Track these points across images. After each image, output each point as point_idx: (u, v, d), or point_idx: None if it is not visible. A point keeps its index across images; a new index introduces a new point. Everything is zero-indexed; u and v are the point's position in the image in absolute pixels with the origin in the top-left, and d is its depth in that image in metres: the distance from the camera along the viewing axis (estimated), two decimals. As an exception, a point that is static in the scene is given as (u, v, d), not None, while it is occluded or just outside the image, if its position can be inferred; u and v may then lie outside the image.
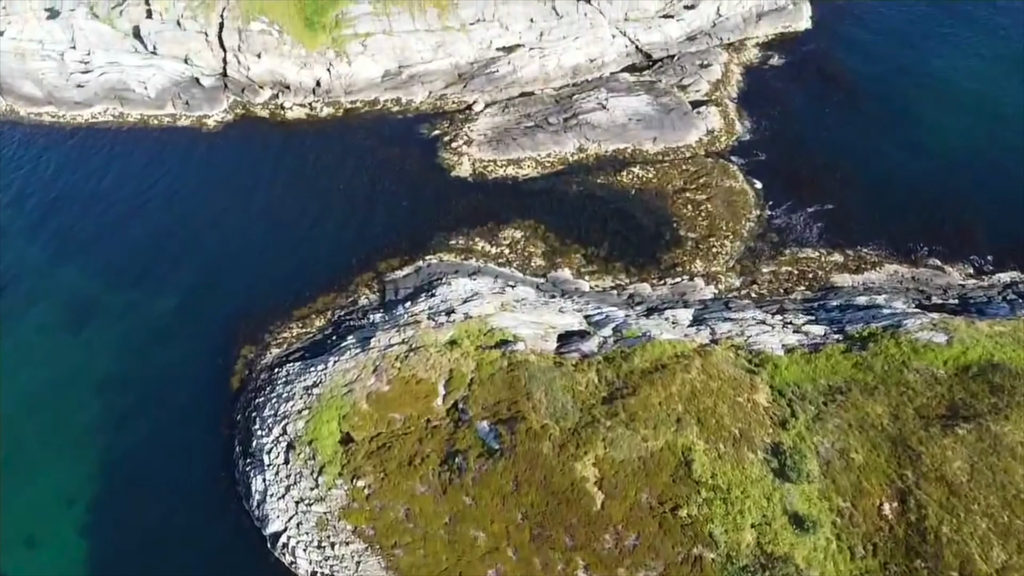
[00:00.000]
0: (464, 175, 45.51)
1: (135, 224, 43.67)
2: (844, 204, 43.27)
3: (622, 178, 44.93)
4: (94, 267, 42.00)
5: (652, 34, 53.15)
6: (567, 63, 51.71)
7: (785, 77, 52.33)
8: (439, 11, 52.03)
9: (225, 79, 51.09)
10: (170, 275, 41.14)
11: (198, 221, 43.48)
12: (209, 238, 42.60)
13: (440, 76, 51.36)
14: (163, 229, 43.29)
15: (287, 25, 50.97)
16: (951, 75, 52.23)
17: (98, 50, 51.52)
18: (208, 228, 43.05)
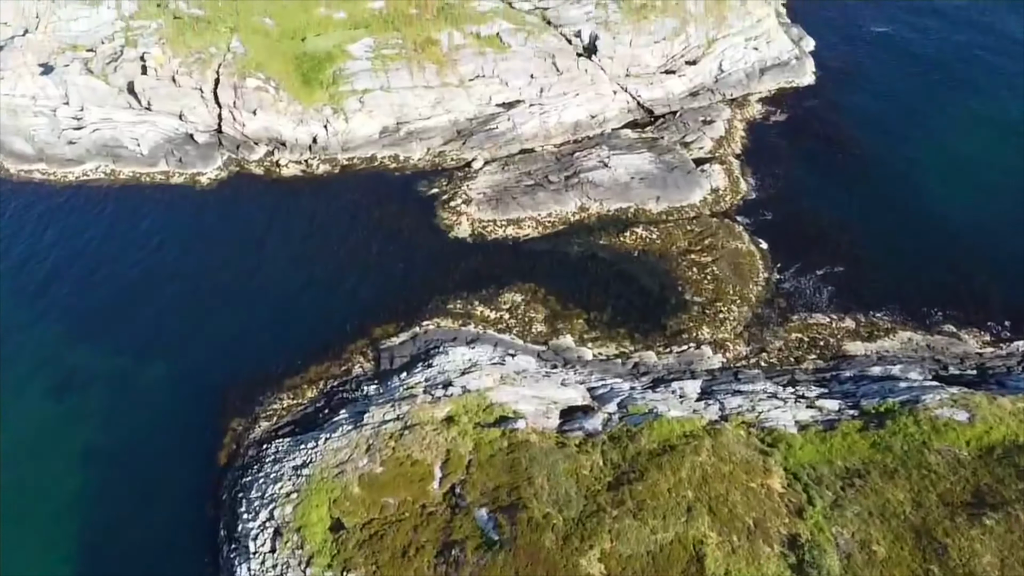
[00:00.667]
0: (463, 236, 44.33)
1: (124, 286, 42.22)
2: (854, 266, 42.04)
3: (625, 239, 43.75)
4: (80, 330, 40.45)
5: (654, 90, 52.44)
6: (568, 119, 50.90)
7: (789, 133, 51.52)
8: (438, 67, 51.36)
9: (220, 135, 50.19)
10: (158, 339, 39.62)
11: (188, 283, 42.08)
12: (200, 301, 41.12)
13: (439, 132, 50.50)
14: (153, 291, 41.85)
15: (284, 81, 50.22)
16: (959, 132, 51.45)
17: (91, 106, 50.68)
18: (198, 290, 41.61)
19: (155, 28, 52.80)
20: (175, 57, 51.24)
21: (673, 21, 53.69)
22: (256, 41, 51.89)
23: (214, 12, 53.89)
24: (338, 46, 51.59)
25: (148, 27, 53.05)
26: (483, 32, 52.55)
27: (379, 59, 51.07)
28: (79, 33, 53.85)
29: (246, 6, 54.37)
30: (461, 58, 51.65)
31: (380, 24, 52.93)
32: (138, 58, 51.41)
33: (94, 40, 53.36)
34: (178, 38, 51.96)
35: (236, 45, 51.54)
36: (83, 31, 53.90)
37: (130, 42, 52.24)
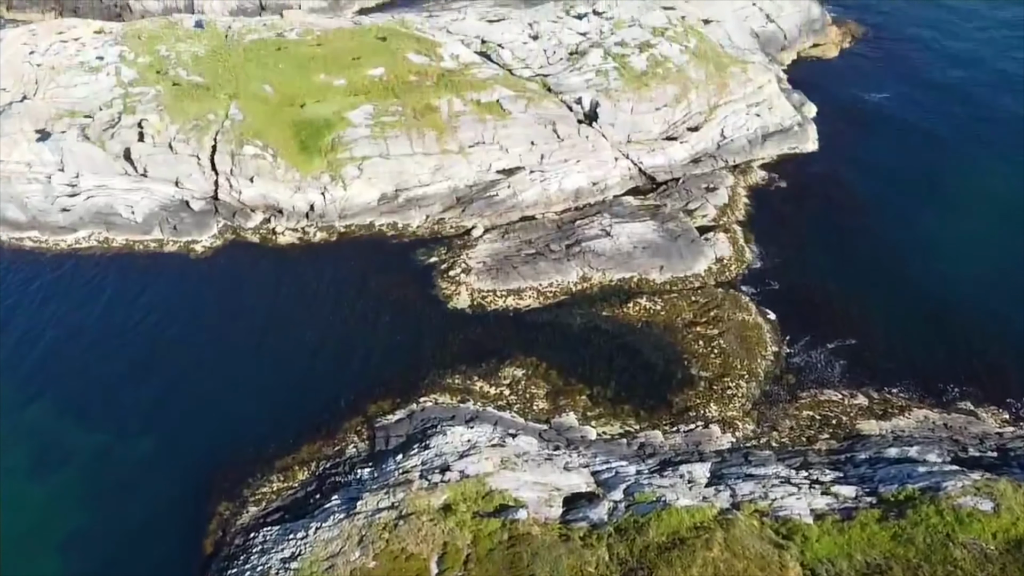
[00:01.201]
0: (462, 306, 43.21)
1: (112, 359, 40.87)
2: (865, 339, 40.83)
3: (628, 310, 42.62)
4: (67, 405, 38.99)
5: (656, 157, 51.91)
6: (569, 186, 50.26)
7: (793, 201, 50.82)
8: (437, 134, 50.91)
9: (216, 203, 49.46)
10: (146, 415, 38.13)
11: (179, 356, 40.77)
12: (190, 376, 39.78)
13: (438, 199, 49.79)
14: (141, 365, 40.52)
15: (282, 149, 49.70)
16: (965, 201, 50.77)
17: (87, 173, 50.07)
18: (189, 365, 40.28)
19: (154, 95, 52.51)
20: (173, 124, 50.83)
21: (674, 88, 53.48)
22: (255, 108, 51.54)
23: (213, 79, 53.68)
24: (337, 113, 51.22)
25: (147, 94, 52.76)
26: (483, 99, 52.26)
27: (378, 126, 50.65)
28: (78, 99, 53.48)
29: (246, 73, 54.19)
30: (461, 125, 51.25)
31: (380, 91, 52.65)
32: (135, 125, 50.98)
33: (92, 106, 52.96)
34: (176, 105, 51.64)
35: (234, 112, 51.17)
36: (82, 97, 53.54)
37: (128, 109, 51.90)
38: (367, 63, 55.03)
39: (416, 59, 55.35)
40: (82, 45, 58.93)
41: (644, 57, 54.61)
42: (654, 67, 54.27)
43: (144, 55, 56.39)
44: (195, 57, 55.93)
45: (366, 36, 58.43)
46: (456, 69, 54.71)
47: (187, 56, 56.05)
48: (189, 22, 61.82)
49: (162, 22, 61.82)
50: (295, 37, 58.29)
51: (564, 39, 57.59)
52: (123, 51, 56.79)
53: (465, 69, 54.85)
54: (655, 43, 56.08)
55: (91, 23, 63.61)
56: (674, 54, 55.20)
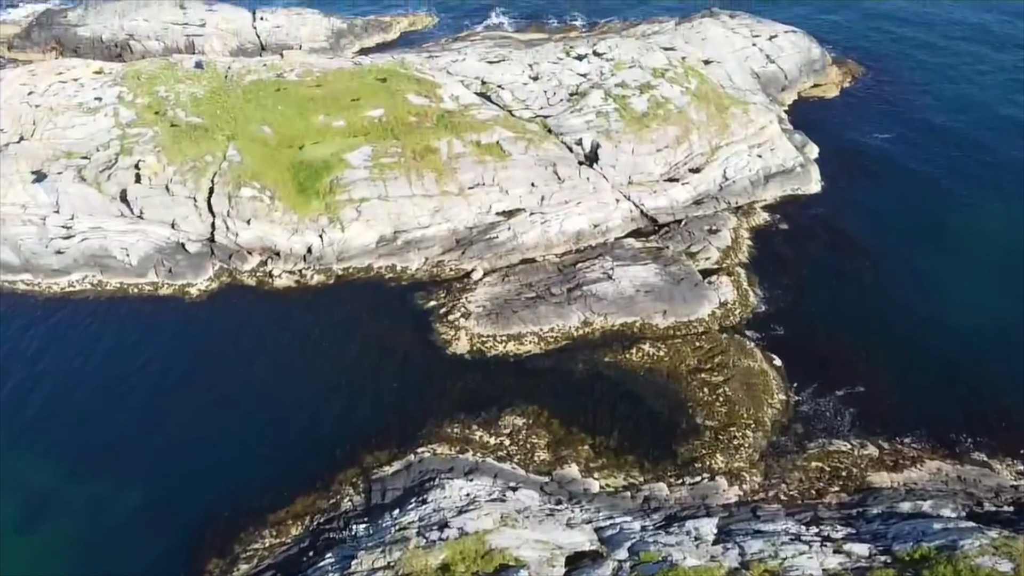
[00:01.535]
0: (461, 352, 42.33)
1: (105, 409, 39.80)
2: (874, 386, 39.90)
3: (631, 356, 41.73)
4: (57, 455, 37.88)
5: (657, 198, 51.38)
6: (570, 229, 49.65)
7: (797, 243, 50.18)
8: (437, 176, 50.45)
9: (212, 245, 48.81)
10: (138, 465, 37.08)
11: (173, 406, 39.76)
12: (183, 425, 38.76)
13: (437, 242, 49.15)
14: (135, 414, 39.49)
15: (280, 191, 49.19)
16: (974, 238, 50.18)
17: (82, 214, 49.51)
18: (183, 414, 39.27)
19: (151, 136, 52.12)
20: (170, 165, 50.38)
21: (675, 129, 53.15)
22: (253, 150, 51.14)
23: (212, 120, 53.35)
24: (336, 155, 50.81)
25: (144, 135, 52.37)
26: (483, 140, 51.89)
27: (377, 168, 50.19)
28: (75, 141, 53.08)
29: (245, 114, 53.88)
30: (461, 166, 50.81)
31: (379, 132, 52.31)
32: (132, 166, 50.50)
33: (89, 148, 52.56)
34: (174, 146, 51.23)
35: (233, 154, 50.75)
36: (79, 138, 53.14)
37: (125, 150, 51.48)
38: (367, 104, 54.78)
39: (416, 100, 55.11)
40: (81, 86, 58.78)
41: (645, 98, 54.37)
42: (655, 108, 54.00)
43: (143, 96, 56.16)
44: (194, 98, 55.69)
45: (366, 77, 58.29)
46: (456, 110, 54.43)
47: (186, 97, 55.80)
48: (189, 63, 61.71)
49: (162, 63, 61.71)
50: (295, 78, 58.13)
51: (564, 80, 57.42)
52: (122, 92, 56.57)
53: (465, 110, 54.57)
54: (656, 84, 55.89)
55: (91, 63, 63.56)
56: (675, 95, 54.98)
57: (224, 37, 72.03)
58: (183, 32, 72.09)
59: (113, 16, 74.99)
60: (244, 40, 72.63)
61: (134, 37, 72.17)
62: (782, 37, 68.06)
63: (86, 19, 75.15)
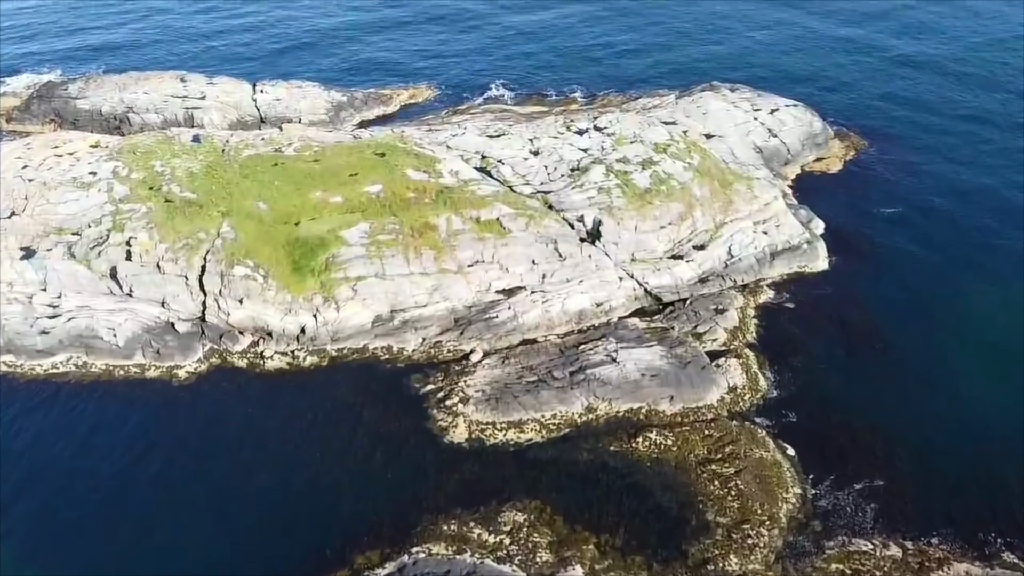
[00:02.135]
0: (459, 440, 40.38)
1: (84, 499, 37.76)
2: (894, 479, 37.89)
3: (637, 445, 39.77)
4: (32, 548, 35.75)
5: (661, 276, 50.04)
6: (572, 308, 48.18)
7: (805, 322, 48.59)
8: (435, 253, 49.23)
9: (203, 324, 47.28)
10: (117, 561, 34.88)
11: (155, 497, 37.75)
12: (166, 517, 36.66)
13: (435, 321, 47.64)
14: (115, 505, 37.43)
15: (274, 269, 47.89)
16: (985, 321, 48.59)
17: (70, 292, 48.11)
18: (166, 505, 37.20)
19: (144, 212, 51.11)
20: (162, 242, 49.21)
21: (678, 206, 52.18)
22: (248, 226, 50.04)
23: (207, 196, 52.42)
24: (332, 231, 49.67)
25: (137, 211, 51.36)
26: (483, 217, 50.83)
27: (374, 245, 49.01)
28: (66, 216, 52.03)
29: (241, 190, 52.99)
30: (460, 244, 49.63)
31: (377, 208, 51.30)
32: (124, 243, 49.38)
33: (81, 224, 51.47)
34: (167, 222, 50.16)
35: (227, 230, 49.63)
36: (71, 214, 52.11)
37: (117, 226, 50.40)
38: (365, 179, 53.95)
39: (415, 175, 54.30)
40: (76, 160, 58.08)
41: (647, 174, 53.56)
42: (657, 184, 53.13)
43: (138, 170, 55.38)
44: (189, 173, 54.88)
45: (365, 151, 57.64)
46: (455, 186, 53.56)
47: (182, 172, 55.00)
48: (187, 136, 61.19)
49: (159, 136, 61.18)
50: (293, 152, 57.48)
51: (565, 155, 56.73)
52: (117, 166, 55.81)
53: (464, 186, 53.71)
54: (658, 160, 55.17)
55: (88, 137, 63.13)
56: (677, 171, 54.20)
57: (224, 110, 71.82)
58: (183, 105, 71.87)
59: (114, 89, 74.99)
60: (244, 113, 72.41)
61: (133, 110, 71.94)
62: (783, 111, 67.79)
63: (86, 92, 75.13)
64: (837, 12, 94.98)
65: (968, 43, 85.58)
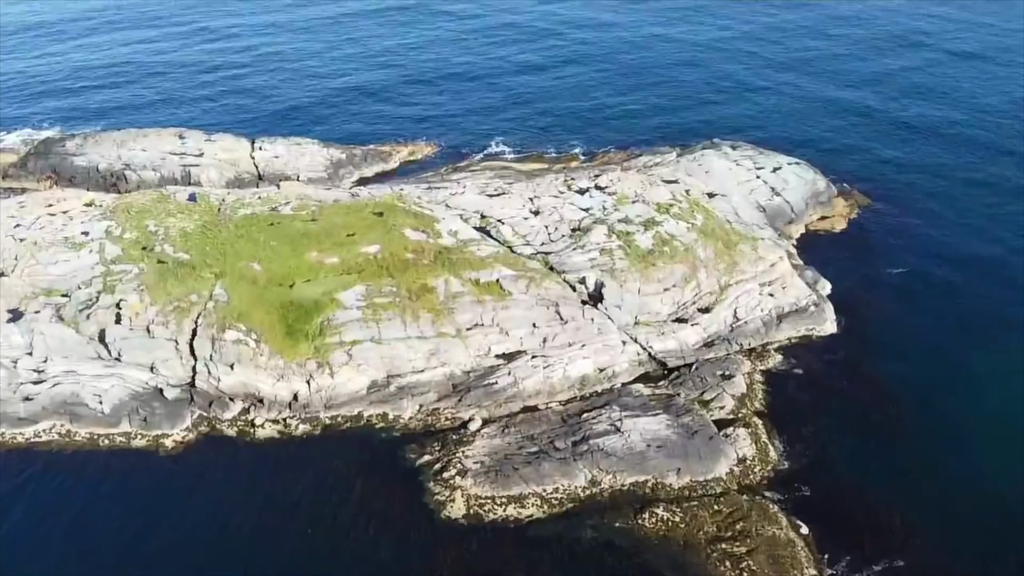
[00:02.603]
0: (456, 516, 38.52)
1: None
2: (914, 559, 36.07)
3: (644, 522, 37.91)
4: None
5: (666, 340, 48.65)
6: (574, 373, 46.71)
7: (816, 388, 47.07)
8: (433, 316, 47.94)
9: (192, 390, 45.71)
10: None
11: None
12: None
13: (433, 387, 46.11)
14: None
15: (266, 333, 46.52)
16: (1000, 384, 47.16)
17: (57, 357, 46.62)
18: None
19: (136, 273, 49.94)
20: (153, 305, 47.95)
21: (682, 268, 51.08)
22: (241, 288, 48.83)
23: (201, 257, 51.34)
24: (328, 294, 48.45)
25: (129, 272, 50.20)
26: (482, 279, 49.70)
27: (371, 308, 47.74)
28: (56, 277, 50.84)
29: (235, 250, 51.93)
30: (458, 306, 48.37)
31: (374, 270, 50.16)
32: (114, 305, 48.12)
33: (71, 285, 50.26)
34: (159, 285, 48.96)
35: (219, 293, 48.42)
36: (60, 275, 50.93)
37: (107, 288, 49.18)
38: (362, 239, 52.94)
39: (413, 235, 53.31)
40: (69, 219, 57.19)
41: (650, 235, 52.58)
42: (660, 245, 52.11)
43: (131, 230, 54.41)
44: (183, 233, 53.90)
45: (363, 211, 56.76)
46: (454, 246, 52.53)
47: (176, 232, 54.02)
48: (183, 195, 60.36)
49: (155, 195, 60.32)
50: (289, 211, 56.60)
51: (566, 215, 55.84)
52: (110, 226, 54.86)
53: (464, 246, 52.68)
54: (660, 220, 54.27)
55: (83, 195, 62.27)
56: (681, 232, 53.24)
57: (221, 167, 71.18)
58: (180, 162, 71.21)
59: (112, 146, 74.44)
60: (242, 170, 71.74)
61: (131, 167, 71.25)
62: (786, 169, 67.18)
63: (84, 148, 74.57)
64: (838, 75, 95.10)
65: (971, 107, 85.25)
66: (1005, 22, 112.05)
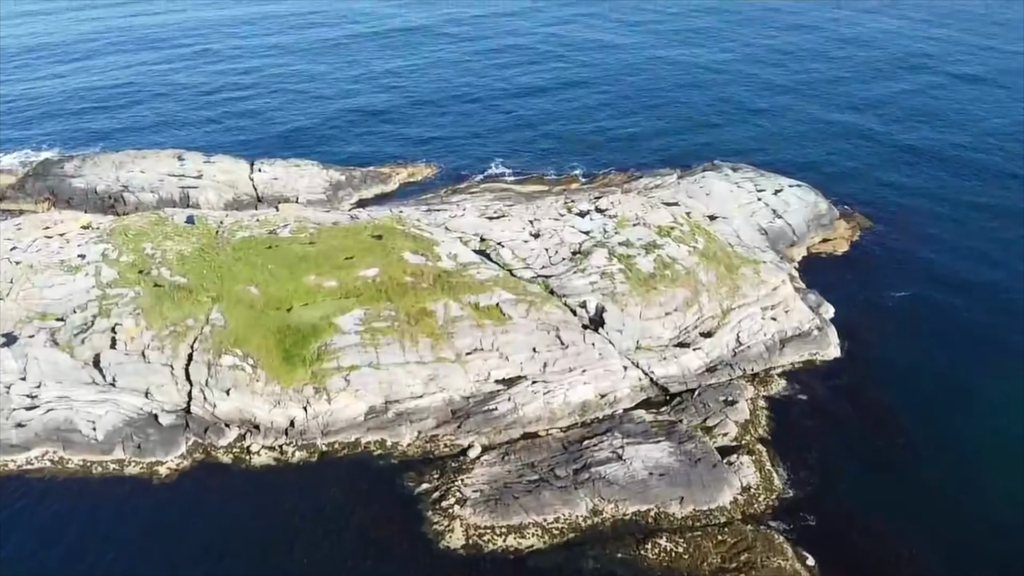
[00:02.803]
0: (455, 546, 37.74)
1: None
2: (923, 593, 35.33)
3: (647, 553, 37.08)
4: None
5: (668, 366, 48.04)
6: (575, 399, 46.07)
7: (820, 415, 46.41)
8: (432, 340, 47.35)
9: (187, 417, 45.05)
10: None
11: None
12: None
13: (431, 413, 45.45)
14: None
15: (263, 358, 45.91)
16: (1012, 410, 46.48)
17: (50, 382, 45.98)
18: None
19: (132, 297, 49.42)
20: (148, 329, 47.39)
21: (684, 292, 50.57)
22: (238, 312, 48.29)
23: (198, 280, 50.84)
24: (326, 318, 47.89)
25: (125, 296, 49.69)
26: (482, 302, 49.18)
27: (369, 332, 47.16)
28: (51, 301, 50.35)
29: (232, 273, 51.44)
30: (458, 331, 47.80)
31: (372, 294, 49.63)
32: (109, 329, 47.56)
33: (66, 309, 49.74)
34: (155, 309, 48.43)
35: (216, 317, 47.88)
36: (56, 299, 50.43)
37: (103, 311, 48.66)
38: (360, 263, 52.46)
39: (412, 259, 52.84)
40: (66, 241, 56.78)
41: (651, 258, 52.14)
42: (662, 269, 51.64)
43: (128, 253, 53.96)
44: (180, 256, 53.45)
45: (361, 233, 56.34)
46: (454, 270, 52.05)
47: (173, 255, 53.57)
48: (180, 217, 59.99)
49: (152, 217, 59.97)
50: (288, 234, 56.17)
51: (566, 238, 55.44)
52: (107, 249, 54.42)
53: (463, 269, 52.20)
54: (661, 243, 53.84)
55: (80, 217, 61.94)
56: (682, 255, 52.78)
57: (220, 189, 70.87)
58: (179, 184, 70.91)
59: (110, 167, 74.17)
60: (240, 192, 71.43)
61: (129, 188, 70.96)
62: (787, 191, 66.86)
63: (83, 170, 74.33)
64: (839, 97, 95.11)
65: (973, 130, 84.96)
66: (1006, 44, 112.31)
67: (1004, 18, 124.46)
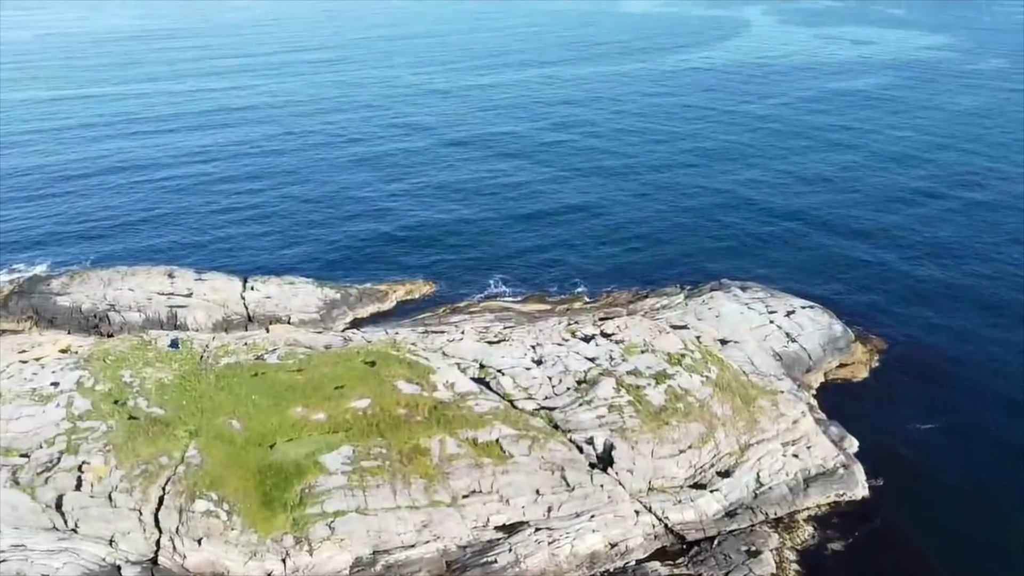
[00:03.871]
0: None
1: None
2: None
3: None
4: None
5: (684, 510, 43.98)
6: (582, 549, 41.82)
7: (854, 567, 42.05)
8: (426, 482, 43.50)
9: (154, 568, 40.68)
10: None
11: None
12: None
13: (424, 566, 41.12)
14: None
15: (240, 503, 41.94)
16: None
17: (6, 528, 41.73)
18: None
19: (103, 431, 45.81)
20: (118, 468, 43.58)
21: (698, 427, 47.04)
22: (216, 449, 44.63)
23: (176, 412, 47.43)
24: (311, 456, 44.18)
25: (96, 430, 46.08)
26: (481, 438, 45.60)
27: (357, 473, 43.34)
28: (17, 435, 46.60)
29: (214, 404, 48.11)
30: (454, 470, 44.01)
31: (363, 427, 46.13)
32: (75, 468, 43.76)
33: (32, 443, 45.99)
34: (127, 445, 44.77)
35: (192, 454, 44.19)
36: (23, 432, 46.72)
37: (71, 448, 44.96)
38: (351, 392, 49.17)
39: (406, 388, 49.59)
40: (41, 367, 53.55)
41: (661, 390, 48.84)
42: (674, 402, 48.26)
43: (105, 381, 50.68)
44: (160, 384, 50.17)
45: (354, 359, 53.26)
46: (451, 400, 48.68)
47: (151, 383, 50.30)
48: (164, 340, 57.05)
49: (135, 340, 57.00)
50: (275, 360, 53.12)
51: (571, 365, 52.28)
52: (82, 376, 51.16)
53: (461, 400, 48.82)
54: (672, 372, 50.64)
55: (59, 340, 59.18)
56: (695, 386, 49.51)
57: (210, 308, 68.24)
58: (167, 303, 68.32)
59: (98, 285, 71.79)
60: (231, 312, 68.75)
61: (115, 308, 68.31)
62: (800, 313, 64.18)
63: (70, 287, 71.88)
64: (848, 221, 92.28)
65: (988, 259, 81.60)
66: (1015, 167, 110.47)
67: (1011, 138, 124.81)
